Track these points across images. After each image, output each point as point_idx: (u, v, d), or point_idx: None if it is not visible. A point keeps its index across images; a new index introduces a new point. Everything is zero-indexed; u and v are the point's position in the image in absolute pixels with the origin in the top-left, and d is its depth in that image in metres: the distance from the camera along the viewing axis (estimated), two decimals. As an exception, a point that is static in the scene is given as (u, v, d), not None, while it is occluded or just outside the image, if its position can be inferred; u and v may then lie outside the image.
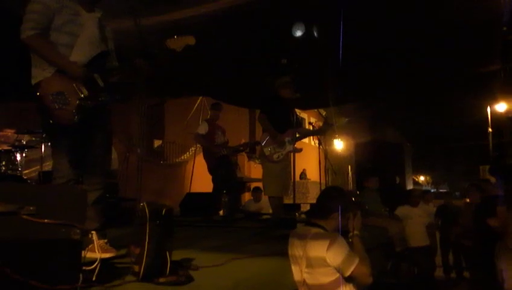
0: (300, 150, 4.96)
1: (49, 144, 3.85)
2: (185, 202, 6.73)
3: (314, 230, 2.53)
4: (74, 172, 2.55)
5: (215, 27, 4.89)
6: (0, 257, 1.46)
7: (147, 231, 2.03)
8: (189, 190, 7.94)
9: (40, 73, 2.48)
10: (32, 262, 1.59)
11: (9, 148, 4.89)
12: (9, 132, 5.18)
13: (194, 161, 8.39)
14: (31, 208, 1.66)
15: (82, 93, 2.49)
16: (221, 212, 6.46)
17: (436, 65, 6.15)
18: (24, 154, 5.07)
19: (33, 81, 2.50)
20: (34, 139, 5.37)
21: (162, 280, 2.02)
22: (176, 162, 11.27)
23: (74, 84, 2.49)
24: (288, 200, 5.59)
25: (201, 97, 10.38)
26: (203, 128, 6.10)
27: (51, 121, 2.44)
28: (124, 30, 3.53)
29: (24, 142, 5.15)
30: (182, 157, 11.39)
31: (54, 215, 1.71)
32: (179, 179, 10.55)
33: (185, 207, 6.59)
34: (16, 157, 4.90)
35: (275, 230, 4.28)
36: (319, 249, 2.40)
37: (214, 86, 7.14)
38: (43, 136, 4.93)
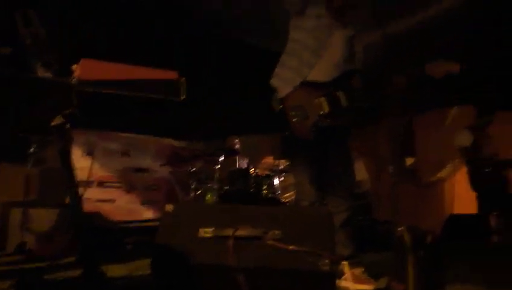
0: None
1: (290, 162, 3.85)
2: (449, 225, 5.91)
3: None
4: (317, 193, 2.42)
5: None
6: (245, 285, 1.35)
7: (410, 264, 1.63)
8: (452, 211, 6.99)
9: (283, 88, 2.48)
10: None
11: (269, 173, 5.28)
12: (269, 159, 5.68)
13: (453, 178, 7.40)
14: (277, 232, 1.51)
15: (322, 110, 2.38)
16: (494, 237, 5.37)
17: None
18: (282, 179, 5.38)
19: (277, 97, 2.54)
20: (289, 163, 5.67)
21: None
22: (432, 181, 10.33)
23: (316, 100, 2.39)
24: None
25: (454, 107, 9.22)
26: (464, 140, 5.25)
27: (289, 134, 2.41)
28: (371, 44, 3.28)
29: (281, 167, 5.48)
30: (439, 174, 10.34)
31: (300, 240, 1.52)
32: (437, 199, 9.57)
33: (448, 231, 5.78)
34: (274, 181, 5.24)
35: None
36: None
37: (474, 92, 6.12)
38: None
